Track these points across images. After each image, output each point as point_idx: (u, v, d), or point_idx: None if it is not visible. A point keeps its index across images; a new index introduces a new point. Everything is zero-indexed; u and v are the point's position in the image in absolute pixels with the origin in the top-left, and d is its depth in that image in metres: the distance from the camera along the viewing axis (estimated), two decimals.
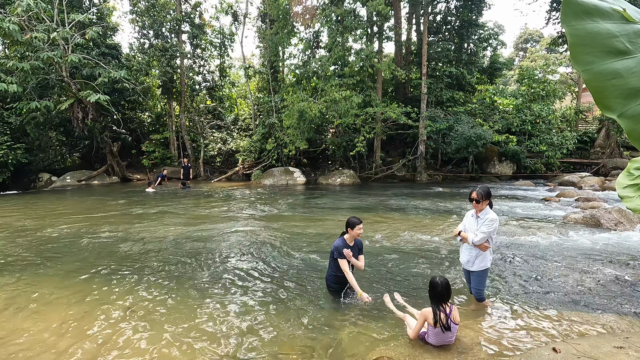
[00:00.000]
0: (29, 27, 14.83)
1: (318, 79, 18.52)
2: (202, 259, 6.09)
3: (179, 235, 7.65)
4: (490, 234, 3.93)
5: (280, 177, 18.58)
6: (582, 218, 8.53)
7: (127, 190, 16.11)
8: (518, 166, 19.73)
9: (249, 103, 23.99)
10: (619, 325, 3.72)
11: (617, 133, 20.19)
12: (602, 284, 4.91)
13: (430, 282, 3.35)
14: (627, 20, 1.36)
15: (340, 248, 4.23)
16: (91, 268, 5.65)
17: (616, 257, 6.02)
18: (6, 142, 16.43)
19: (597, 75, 1.34)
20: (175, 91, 21.80)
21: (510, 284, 4.95)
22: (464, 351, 3.25)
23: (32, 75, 15.51)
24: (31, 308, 4.29)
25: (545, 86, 19.81)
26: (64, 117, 18.56)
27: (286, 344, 3.50)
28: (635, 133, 1.34)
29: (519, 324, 3.81)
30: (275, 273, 5.46)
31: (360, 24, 18.04)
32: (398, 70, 18.42)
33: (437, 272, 5.41)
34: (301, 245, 6.91)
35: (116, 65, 18.45)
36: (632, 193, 1.62)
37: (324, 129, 21.30)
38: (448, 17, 22.36)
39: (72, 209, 11.14)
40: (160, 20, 20.39)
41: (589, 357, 2.87)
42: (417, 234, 7.61)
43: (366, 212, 10.33)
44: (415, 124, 18.25)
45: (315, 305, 4.34)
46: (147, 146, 21.87)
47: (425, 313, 3.31)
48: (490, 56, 24.90)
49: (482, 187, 3.99)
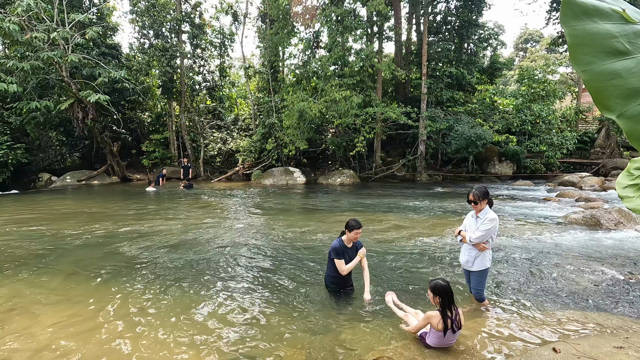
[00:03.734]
0: (29, 27, 14.83)
1: (318, 79, 18.51)
2: (202, 259, 6.09)
3: (178, 236, 7.65)
4: (490, 234, 3.92)
5: (280, 177, 18.58)
6: (582, 218, 8.53)
7: (127, 190, 16.12)
8: (518, 166, 19.73)
9: (249, 103, 23.99)
10: (619, 325, 3.72)
11: (617, 133, 20.20)
12: (602, 284, 4.92)
13: (435, 287, 3.23)
14: (627, 20, 1.36)
15: (337, 249, 4.23)
16: (91, 268, 5.65)
17: (616, 258, 6.02)
18: (6, 142, 16.43)
19: (597, 75, 1.34)
20: (175, 91, 21.80)
21: (510, 284, 4.95)
22: (464, 351, 3.25)
23: (32, 75, 15.50)
24: (31, 308, 4.29)
25: (545, 86, 19.81)
26: (64, 117, 18.55)
27: (286, 344, 3.50)
28: (634, 133, 1.34)
29: (519, 324, 3.81)
30: (275, 273, 5.46)
31: (360, 24, 18.03)
32: (398, 70, 18.42)
33: (438, 272, 5.41)
34: (301, 245, 6.91)
35: (116, 65, 18.44)
36: (632, 193, 1.62)
37: (324, 129, 21.30)
38: (448, 17, 22.36)
39: (72, 209, 11.14)
40: (160, 20, 20.39)
41: (589, 357, 2.87)
42: (417, 234, 7.61)
43: (366, 212, 10.33)
44: (415, 124, 18.25)
45: (315, 305, 4.34)
46: (147, 146, 21.87)
47: (429, 316, 3.22)
48: (490, 56, 24.90)
49: (478, 188, 3.97)
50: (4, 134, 16.72)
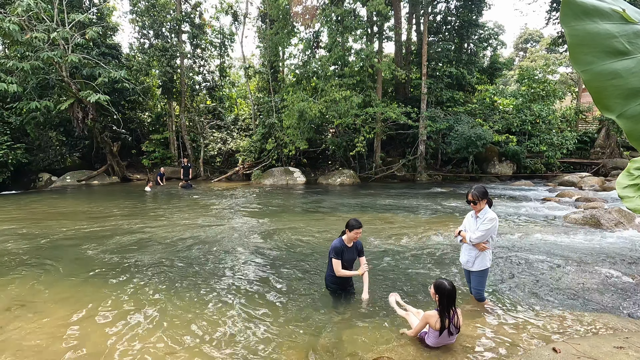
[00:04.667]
0: (29, 27, 14.82)
1: (318, 79, 18.51)
2: (201, 260, 6.09)
3: (178, 236, 7.65)
4: (489, 234, 3.92)
5: (280, 177, 18.58)
6: (582, 218, 8.52)
7: (127, 190, 16.12)
8: (518, 166, 19.73)
9: (249, 103, 23.99)
10: (619, 325, 3.72)
11: (617, 133, 20.19)
12: (602, 284, 4.92)
13: (439, 287, 3.21)
14: (627, 20, 1.36)
15: (337, 248, 4.23)
16: (91, 268, 5.65)
17: (616, 257, 6.02)
18: (6, 142, 16.43)
19: (597, 75, 1.35)
20: (175, 91, 21.80)
21: (510, 284, 4.95)
22: (464, 351, 3.25)
23: (32, 75, 15.50)
24: (31, 308, 4.29)
25: (545, 86, 19.81)
26: (64, 117, 18.55)
27: (286, 344, 3.50)
28: (634, 133, 1.34)
29: (519, 324, 3.81)
30: (274, 273, 5.46)
31: (360, 24, 18.03)
32: (398, 70, 18.42)
33: (437, 272, 5.41)
34: (301, 245, 6.91)
35: (116, 65, 18.44)
36: (632, 193, 1.62)
37: (324, 129, 21.30)
38: (448, 17, 22.36)
39: (72, 209, 11.14)
40: (160, 20, 20.39)
41: (589, 357, 2.87)
42: (417, 234, 7.61)
43: (366, 212, 10.34)
44: (415, 124, 18.25)
45: (315, 305, 4.34)
46: (147, 146, 21.87)
47: (428, 316, 3.23)
48: (490, 56, 24.90)
49: (477, 188, 3.97)
50: (4, 134, 16.72)
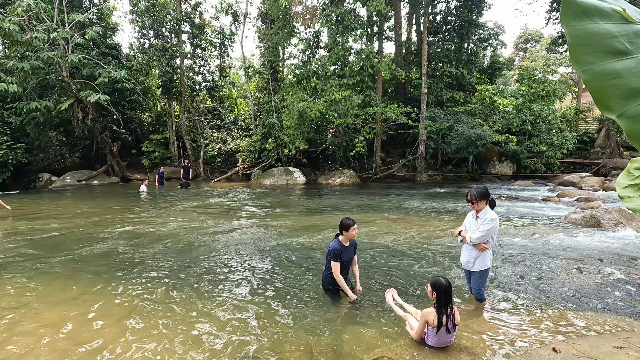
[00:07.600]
0: (29, 27, 14.84)
1: (318, 79, 18.52)
2: (201, 260, 6.09)
3: (178, 236, 7.65)
4: (490, 234, 3.92)
5: (280, 177, 18.58)
6: (582, 218, 8.52)
7: (127, 190, 16.12)
8: (518, 166, 19.73)
9: (249, 103, 24.00)
10: (619, 325, 3.72)
11: (617, 133, 20.19)
12: (601, 284, 4.91)
13: (435, 284, 3.26)
14: (627, 20, 1.36)
15: (336, 250, 4.23)
16: (91, 268, 5.65)
17: (616, 257, 6.02)
18: (6, 142, 16.44)
19: (597, 75, 1.34)
20: (175, 91, 21.81)
21: (510, 284, 4.95)
22: (464, 351, 3.25)
23: (32, 75, 15.51)
24: (31, 308, 4.29)
25: (545, 86, 19.82)
26: (64, 117, 18.56)
27: (286, 345, 3.49)
28: (634, 133, 1.34)
29: (519, 324, 3.81)
30: (274, 273, 5.46)
31: (360, 24, 18.04)
32: (398, 70, 18.43)
33: (438, 272, 5.41)
34: (300, 246, 6.91)
35: (116, 65, 18.46)
36: (632, 193, 1.62)
37: (324, 129, 21.31)
38: (448, 17, 22.37)
39: (71, 209, 11.15)
40: (160, 20, 20.40)
41: (589, 357, 2.87)
42: (417, 234, 7.61)
43: (366, 212, 10.33)
44: (415, 124, 18.25)
45: (315, 305, 4.34)
46: (147, 146, 21.88)
47: (425, 314, 3.25)
48: (490, 56, 24.91)
49: (477, 188, 3.97)
50: (4, 134, 16.72)
